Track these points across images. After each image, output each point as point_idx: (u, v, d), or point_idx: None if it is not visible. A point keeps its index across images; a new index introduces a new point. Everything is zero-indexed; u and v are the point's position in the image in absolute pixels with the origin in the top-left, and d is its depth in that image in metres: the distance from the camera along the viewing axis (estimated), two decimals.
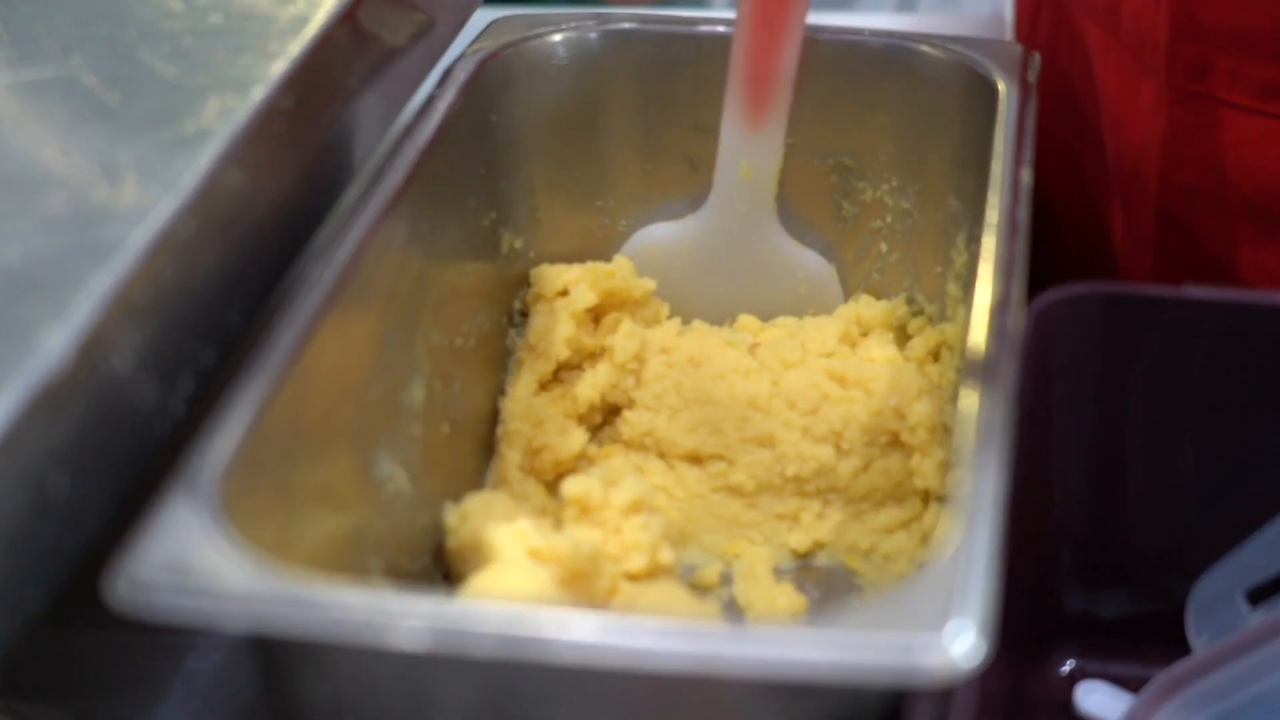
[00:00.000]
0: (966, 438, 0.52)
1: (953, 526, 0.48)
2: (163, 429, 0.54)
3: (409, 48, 0.73)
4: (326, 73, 0.66)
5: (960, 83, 0.74)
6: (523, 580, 0.60)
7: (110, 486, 0.52)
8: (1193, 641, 0.66)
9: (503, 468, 0.74)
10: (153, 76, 0.62)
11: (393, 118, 0.72)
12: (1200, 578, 0.67)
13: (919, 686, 0.45)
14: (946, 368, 0.74)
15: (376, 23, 0.70)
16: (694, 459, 0.75)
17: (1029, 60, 0.73)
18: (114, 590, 0.47)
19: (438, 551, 0.68)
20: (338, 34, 0.66)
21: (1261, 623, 0.61)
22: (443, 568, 0.68)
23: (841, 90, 0.77)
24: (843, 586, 0.72)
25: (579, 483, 0.66)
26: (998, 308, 0.58)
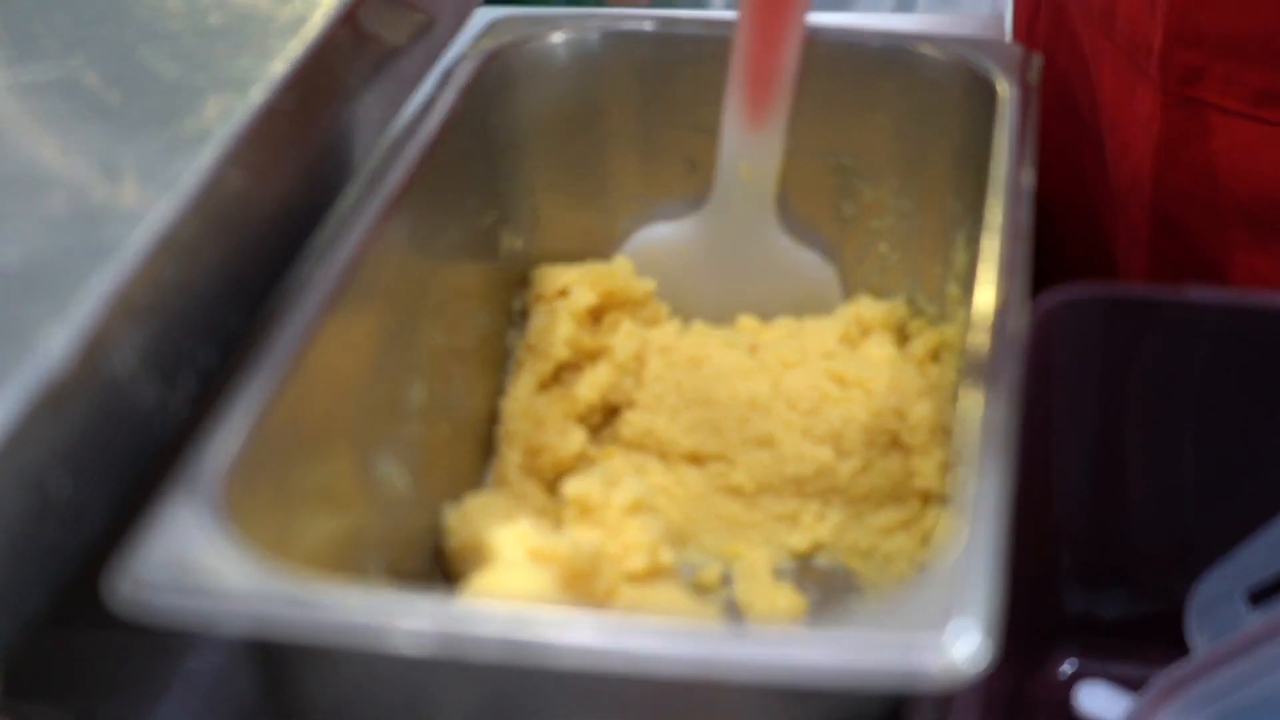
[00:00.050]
0: (969, 439, 0.52)
1: (955, 528, 0.48)
2: (163, 429, 0.54)
3: (409, 48, 0.73)
4: (327, 73, 0.66)
5: (961, 83, 0.73)
6: (523, 581, 0.60)
7: (111, 486, 0.52)
8: (1193, 642, 0.66)
9: (502, 468, 0.74)
10: (153, 76, 0.62)
11: (392, 118, 0.72)
12: (1200, 578, 0.67)
13: (922, 689, 0.45)
14: (947, 368, 0.74)
15: (376, 22, 0.69)
16: (694, 459, 0.75)
17: (1030, 61, 0.73)
18: (115, 591, 0.47)
19: (437, 552, 0.68)
20: (338, 34, 0.66)
21: (1262, 623, 0.61)
22: (442, 568, 0.68)
23: (842, 91, 0.76)
24: (843, 587, 0.71)
25: (579, 483, 0.66)
26: (1000, 309, 0.58)
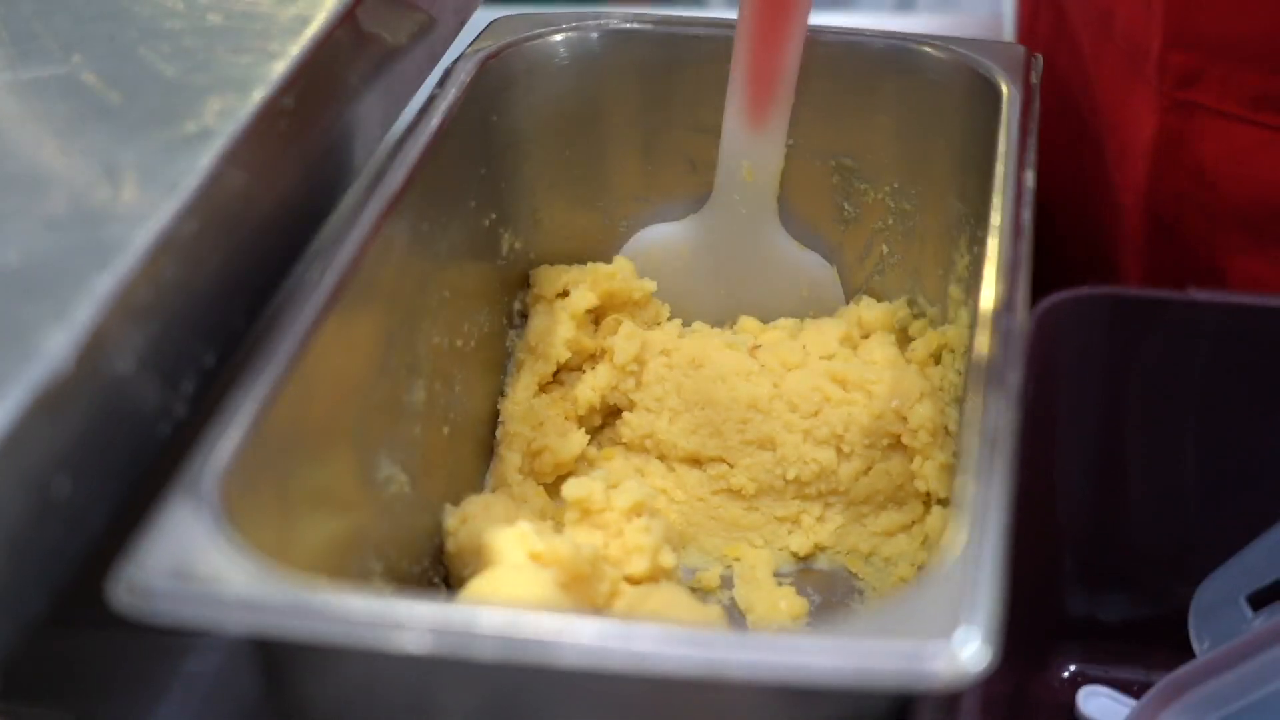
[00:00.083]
0: (972, 442, 0.52)
1: (959, 532, 0.48)
2: (164, 431, 0.54)
3: (409, 47, 0.72)
4: (327, 73, 0.65)
5: (963, 84, 0.73)
6: (523, 583, 0.60)
7: (112, 488, 0.51)
8: (1195, 646, 0.66)
9: (502, 469, 0.74)
10: (154, 76, 0.62)
11: (393, 118, 0.72)
12: (1202, 582, 0.67)
13: (927, 692, 0.45)
14: (948, 370, 0.74)
15: (377, 22, 0.69)
16: (694, 461, 0.74)
17: (1032, 62, 0.73)
18: (117, 594, 0.46)
19: (437, 554, 0.68)
20: (338, 34, 0.66)
21: (1264, 628, 0.61)
22: (442, 570, 0.68)
23: (843, 91, 0.76)
24: (843, 589, 0.71)
25: (581, 485, 0.66)
26: (1002, 311, 0.58)
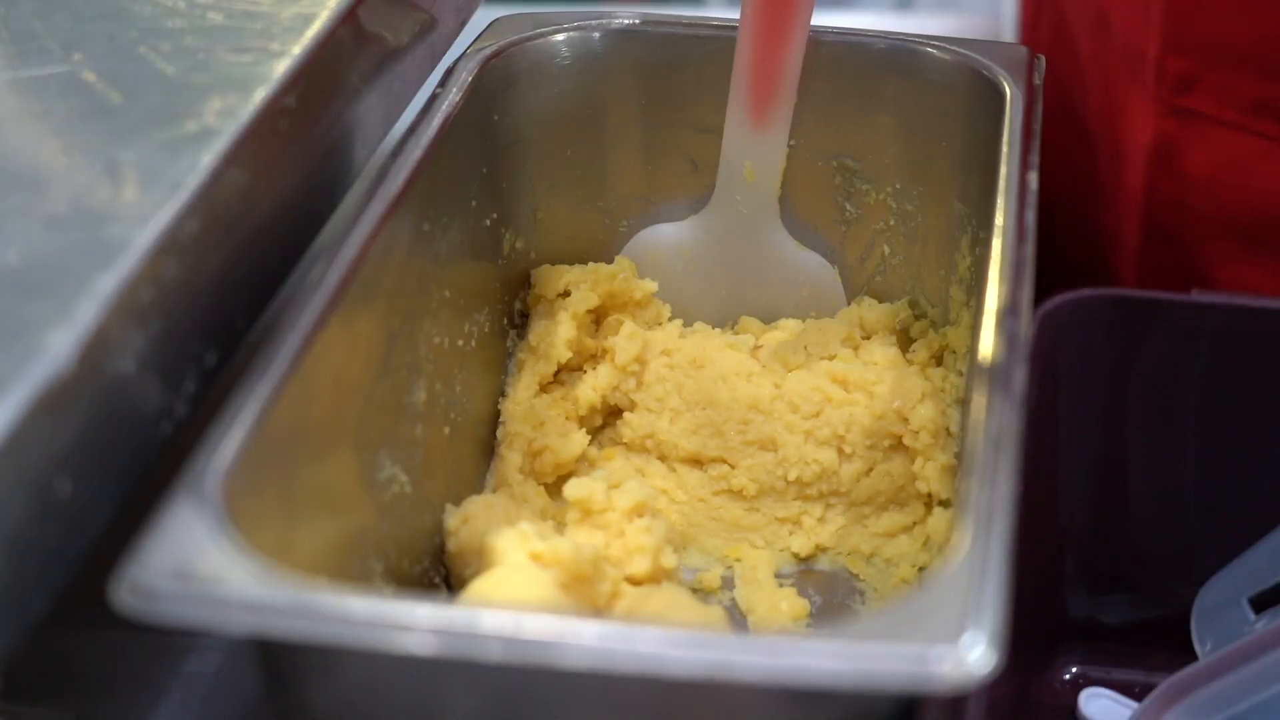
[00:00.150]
0: (976, 444, 0.52)
1: (964, 534, 0.48)
2: (165, 430, 0.54)
3: (411, 47, 0.72)
4: (329, 72, 0.65)
5: (965, 85, 0.73)
6: (525, 584, 0.59)
7: (113, 488, 0.51)
8: (1197, 648, 0.66)
9: (503, 470, 0.74)
10: (155, 75, 0.62)
11: (395, 117, 0.72)
12: (1205, 584, 0.67)
13: (933, 695, 0.45)
14: (949, 371, 0.74)
15: (378, 22, 0.69)
16: (695, 462, 0.74)
17: (1034, 63, 0.73)
18: (119, 595, 0.46)
19: (438, 554, 0.67)
20: (340, 33, 0.66)
21: (1266, 630, 0.61)
22: (442, 571, 0.68)
23: (845, 92, 0.76)
24: (844, 590, 0.71)
25: (582, 485, 0.66)
26: (1006, 312, 0.58)
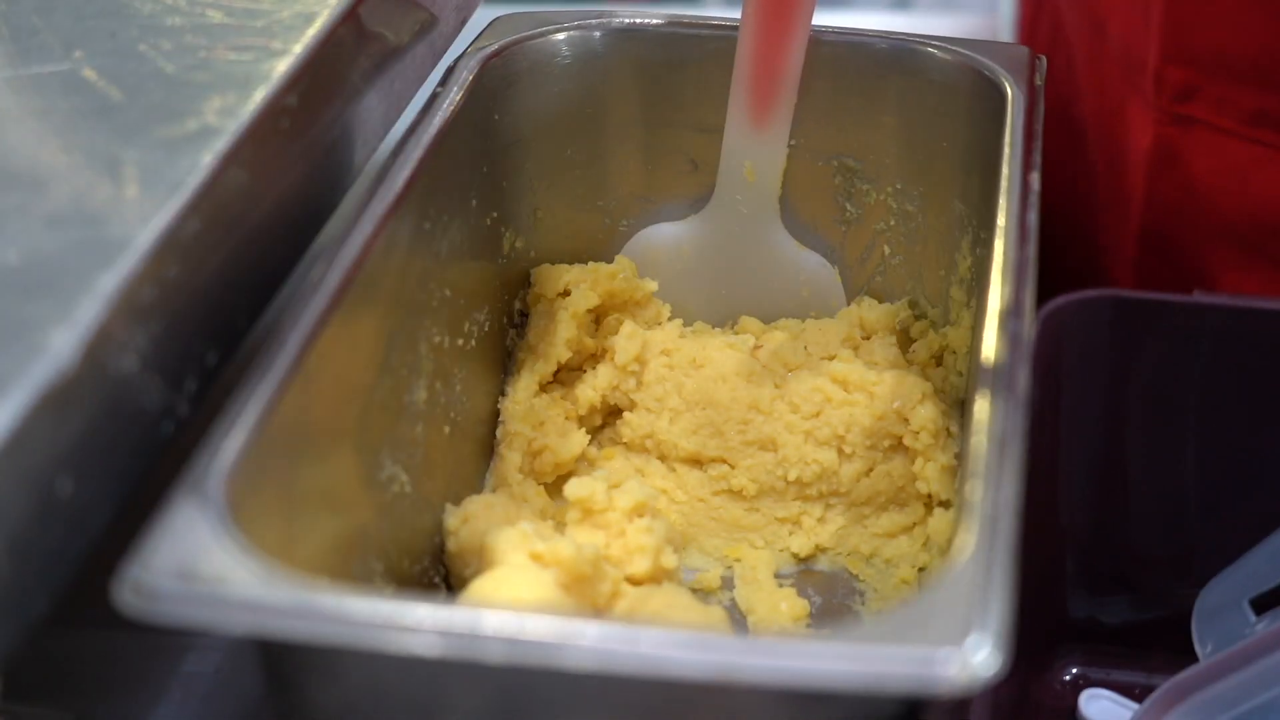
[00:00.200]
0: (981, 445, 0.52)
1: (968, 536, 0.48)
2: (167, 430, 0.54)
3: (411, 46, 0.72)
4: (330, 71, 0.65)
5: (967, 85, 0.73)
6: (525, 584, 0.59)
7: (114, 488, 0.51)
8: (1198, 650, 0.66)
9: (502, 469, 0.74)
10: (155, 73, 0.62)
11: (395, 116, 0.72)
12: (1205, 585, 0.67)
13: (938, 698, 0.45)
14: (950, 372, 0.74)
15: (379, 20, 0.69)
16: (695, 462, 0.74)
17: (1036, 64, 0.73)
18: (122, 595, 0.46)
19: (438, 554, 0.67)
20: (341, 32, 0.66)
21: (1267, 632, 0.61)
22: (442, 570, 0.67)
23: (846, 91, 0.76)
24: (844, 591, 0.71)
25: (583, 485, 0.66)
26: (1009, 313, 0.58)
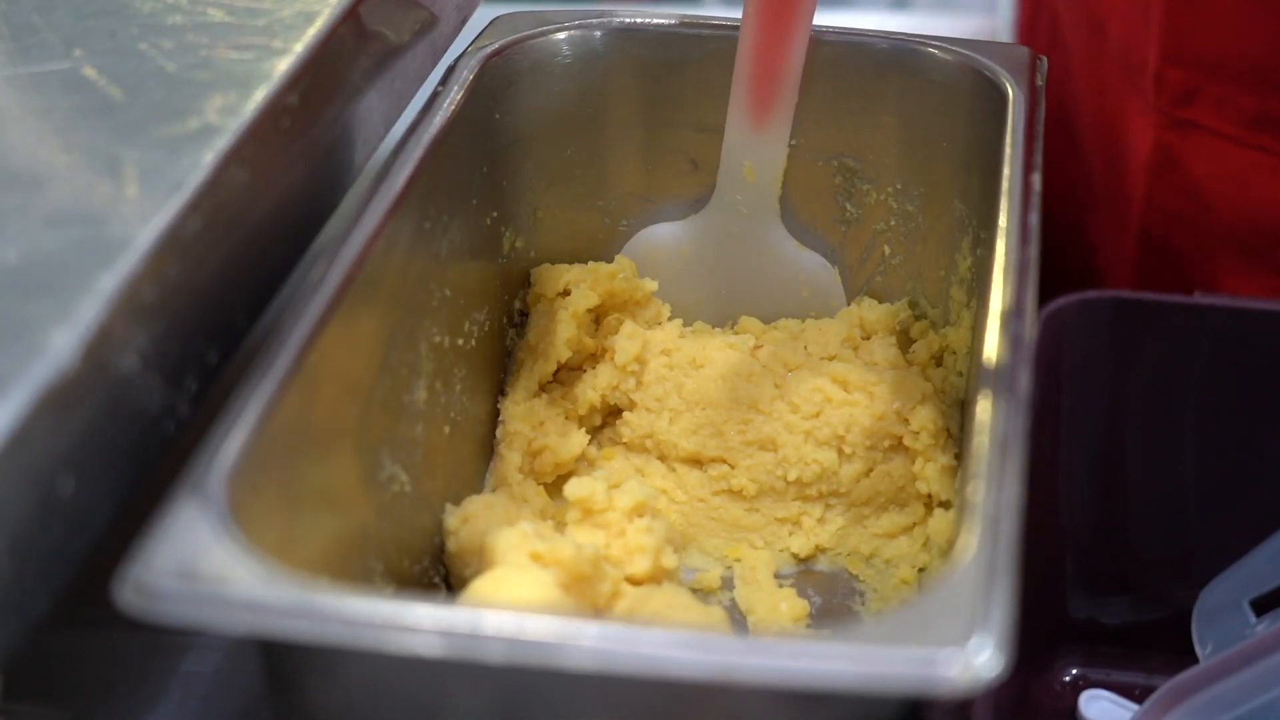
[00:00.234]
0: (983, 446, 0.52)
1: (970, 537, 0.48)
2: (167, 429, 0.54)
3: (412, 45, 0.72)
4: (331, 70, 0.65)
5: (967, 85, 0.73)
6: (525, 584, 0.59)
7: (115, 487, 0.51)
8: (1198, 651, 0.66)
9: (502, 469, 0.74)
10: (156, 72, 0.62)
11: (396, 115, 0.72)
12: (1205, 586, 0.67)
13: (940, 699, 0.45)
14: (950, 372, 0.74)
15: (380, 19, 0.69)
16: (695, 462, 0.74)
17: (1036, 64, 0.73)
18: (123, 594, 0.46)
19: (438, 554, 0.67)
20: (342, 31, 0.66)
21: (1267, 633, 0.61)
22: (442, 570, 0.67)
23: (847, 91, 0.76)
24: (844, 591, 0.71)
25: (583, 484, 0.66)
26: (1010, 314, 0.58)
